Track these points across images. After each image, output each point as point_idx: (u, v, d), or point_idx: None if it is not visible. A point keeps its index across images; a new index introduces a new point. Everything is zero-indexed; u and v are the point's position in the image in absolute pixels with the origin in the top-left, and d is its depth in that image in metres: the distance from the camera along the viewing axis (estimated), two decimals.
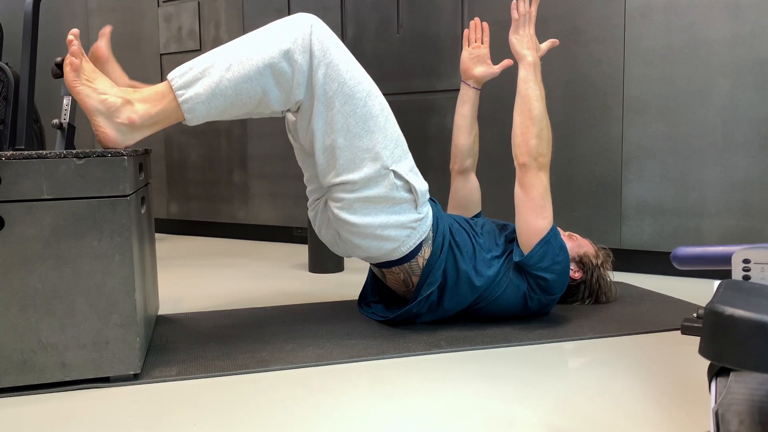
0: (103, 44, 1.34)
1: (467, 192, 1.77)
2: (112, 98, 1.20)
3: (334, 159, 1.32)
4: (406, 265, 1.44)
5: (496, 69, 1.71)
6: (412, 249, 1.41)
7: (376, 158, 1.33)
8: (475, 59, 1.72)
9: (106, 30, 1.35)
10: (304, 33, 1.26)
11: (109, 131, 1.21)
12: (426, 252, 1.43)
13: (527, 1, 1.47)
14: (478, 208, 1.78)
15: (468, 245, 1.47)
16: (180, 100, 1.22)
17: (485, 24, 1.73)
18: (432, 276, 1.42)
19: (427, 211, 1.42)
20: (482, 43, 1.73)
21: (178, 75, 1.23)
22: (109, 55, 1.35)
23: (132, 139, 1.24)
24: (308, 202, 1.55)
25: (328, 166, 1.34)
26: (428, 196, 1.43)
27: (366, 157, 1.32)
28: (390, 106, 1.36)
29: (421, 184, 1.40)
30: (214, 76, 1.22)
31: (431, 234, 1.43)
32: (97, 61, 1.33)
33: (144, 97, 1.23)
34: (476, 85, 1.73)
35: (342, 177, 1.33)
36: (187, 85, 1.22)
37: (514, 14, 1.48)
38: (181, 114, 1.24)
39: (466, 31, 1.74)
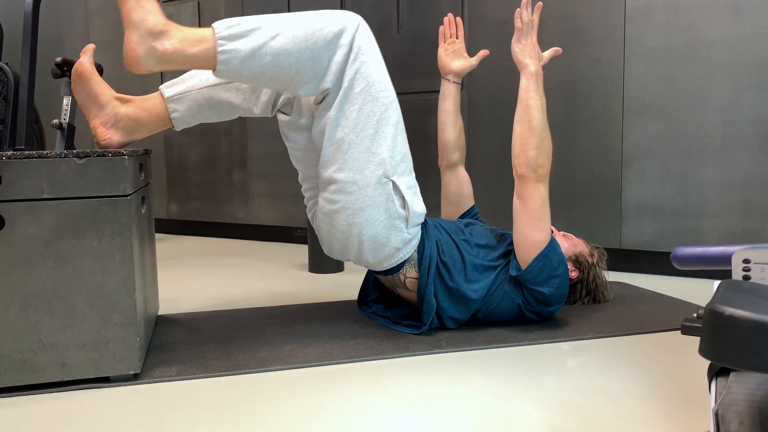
0: (86, 60, 1.34)
1: (457, 186, 1.77)
2: (154, 20, 1.20)
3: (340, 153, 1.33)
4: (389, 277, 1.47)
5: (474, 61, 1.72)
6: (393, 266, 1.43)
7: (380, 164, 1.34)
8: (452, 54, 1.74)
9: (89, 47, 1.36)
10: (351, 28, 1.29)
11: (138, 48, 1.20)
12: (408, 271, 1.44)
13: (529, 10, 1.45)
14: (470, 202, 1.78)
15: (457, 260, 1.46)
16: (219, 49, 1.22)
17: (458, 19, 1.75)
18: (427, 304, 1.43)
19: (415, 233, 1.42)
20: (457, 38, 1.75)
21: (224, 27, 1.24)
22: (93, 71, 1.35)
23: (155, 66, 1.23)
24: (305, 200, 1.55)
25: (333, 158, 1.34)
26: (422, 219, 1.43)
27: (372, 160, 1.33)
28: None
29: (418, 206, 1.41)
30: (259, 39, 1.24)
31: (415, 255, 1.43)
32: (80, 77, 1.33)
33: (184, 35, 1.23)
34: (456, 79, 1.74)
35: (343, 173, 1.33)
36: (230, 38, 1.23)
37: (518, 23, 1.45)
38: (214, 63, 1.24)
39: (441, 27, 1.75)
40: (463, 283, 1.44)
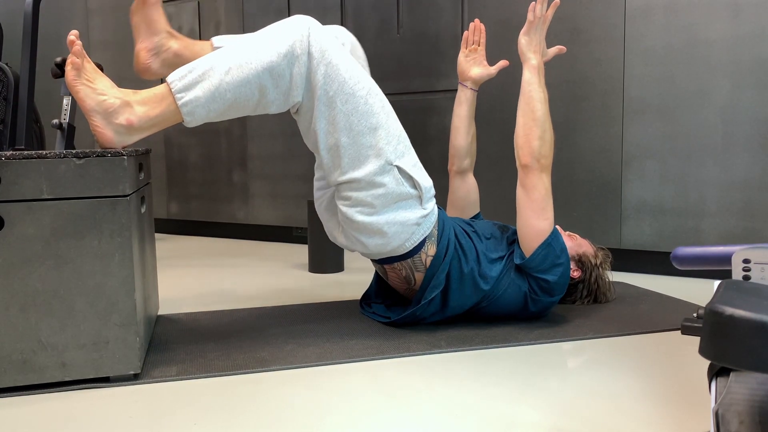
0: None
1: (465, 192, 1.77)
2: (111, 99, 1.21)
3: (338, 157, 1.34)
4: (408, 260, 1.45)
5: (493, 70, 1.72)
6: (415, 245, 1.42)
7: (379, 154, 1.34)
8: (472, 61, 1.74)
9: None
10: (302, 35, 1.28)
11: (106, 132, 1.21)
12: (430, 249, 1.43)
13: (545, 5, 1.46)
14: (476, 209, 1.79)
15: (472, 250, 1.47)
16: (179, 103, 1.23)
17: (482, 26, 1.74)
18: (435, 279, 1.43)
19: (432, 207, 1.43)
20: (479, 45, 1.74)
21: (177, 78, 1.24)
22: (159, 0, 1.39)
23: (129, 140, 1.24)
24: (315, 189, 1.56)
25: (333, 164, 1.35)
26: (433, 191, 1.44)
27: (370, 153, 1.33)
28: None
29: (426, 180, 1.41)
30: (214, 80, 1.24)
31: (435, 231, 1.44)
32: (146, 2, 1.37)
33: (143, 99, 1.24)
34: (473, 86, 1.74)
35: (348, 175, 1.34)
36: (186, 88, 1.24)
37: (530, 16, 1.47)
38: (180, 116, 1.25)
39: (465, 32, 1.74)
40: (476, 272, 1.45)
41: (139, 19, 1.39)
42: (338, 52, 1.31)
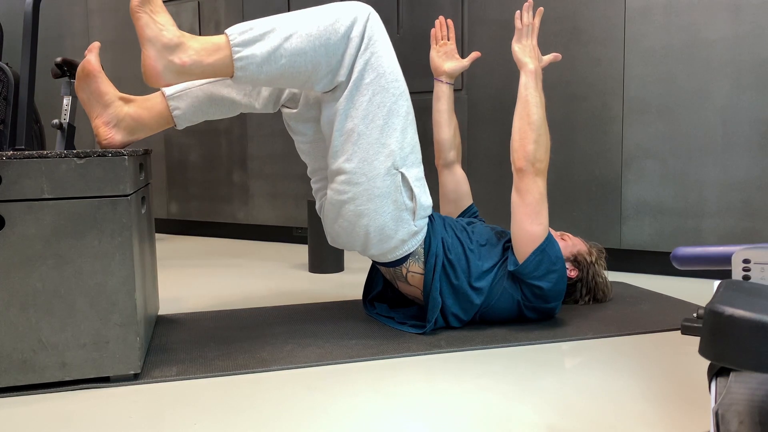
0: (93, 58, 1.34)
1: (455, 185, 1.78)
2: (169, 35, 1.21)
3: (350, 143, 1.33)
4: (391, 269, 1.47)
5: (466, 62, 1.75)
6: (397, 258, 1.43)
7: (389, 155, 1.34)
8: (444, 55, 1.76)
9: (95, 45, 1.35)
10: (362, 19, 1.30)
11: (157, 65, 1.21)
12: (411, 266, 1.44)
13: (530, 13, 1.49)
14: (469, 200, 1.79)
15: (462, 261, 1.46)
16: (235, 57, 1.23)
17: (450, 21, 1.77)
18: (432, 301, 1.43)
19: (422, 226, 1.42)
20: (448, 40, 1.77)
21: (237, 32, 1.24)
22: (100, 69, 1.35)
23: (174, 80, 1.24)
24: (314, 192, 1.56)
25: (342, 148, 1.35)
26: (429, 212, 1.44)
27: (381, 151, 1.34)
28: None
29: (425, 198, 1.41)
30: (273, 42, 1.24)
31: (421, 250, 1.44)
32: (87, 75, 1.33)
33: (200, 45, 1.23)
34: (449, 80, 1.76)
35: (353, 163, 1.34)
36: (245, 44, 1.24)
37: (518, 24, 1.50)
38: (232, 70, 1.25)
39: (432, 30, 1.78)
40: (466, 284, 1.44)
41: (86, 94, 1.33)
42: (387, 47, 1.33)
